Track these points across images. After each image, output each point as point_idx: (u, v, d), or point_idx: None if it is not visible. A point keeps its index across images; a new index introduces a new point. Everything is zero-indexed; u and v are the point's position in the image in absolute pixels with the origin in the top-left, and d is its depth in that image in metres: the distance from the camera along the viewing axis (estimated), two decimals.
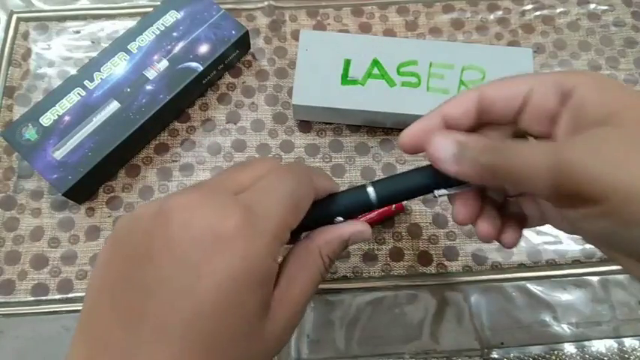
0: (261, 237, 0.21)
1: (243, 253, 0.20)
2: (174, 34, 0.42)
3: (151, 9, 0.44)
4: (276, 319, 0.22)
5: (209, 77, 0.43)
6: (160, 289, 0.20)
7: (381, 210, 0.40)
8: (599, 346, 0.38)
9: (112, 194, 0.41)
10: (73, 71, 0.43)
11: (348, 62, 0.41)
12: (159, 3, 0.43)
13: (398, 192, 0.26)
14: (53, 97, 0.40)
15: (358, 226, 0.26)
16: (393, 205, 0.40)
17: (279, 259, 0.23)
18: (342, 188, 0.27)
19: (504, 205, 0.28)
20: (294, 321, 0.23)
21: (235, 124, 0.43)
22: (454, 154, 0.23)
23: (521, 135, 0.26)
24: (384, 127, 0.43)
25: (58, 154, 0.38)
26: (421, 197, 0.41)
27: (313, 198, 0.24)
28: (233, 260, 0.20)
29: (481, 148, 0.22)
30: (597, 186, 0.18)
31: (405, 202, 0.40)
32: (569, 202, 0.20)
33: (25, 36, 0.46)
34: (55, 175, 0.38)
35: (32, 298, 0.38)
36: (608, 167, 0.18)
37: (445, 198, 0.41)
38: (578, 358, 0.37)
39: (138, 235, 0.21)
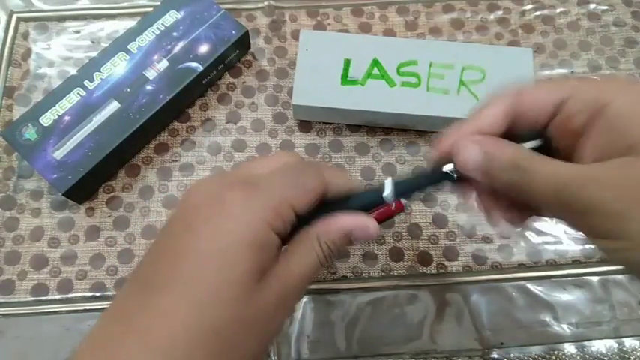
0: (262, 209, 0.23)
1: (243, 219, 0.22)
2: (174, 34, 0.42)
3: (150, 9, 0.44)
4: (271, 289, 0.23)
5: (209, 77, 0.43)
6: (167, 253, 0.23)
7: (380, 210, 0.40)
8: (599, 346, 0.38)
9: (112, 194, 0.41)
10: (73, 71, 0.43)
11: (348, 62, 0.41)
12: (159, 3, 0.43)
13: (415, 189, 0.28)
14: (53, 97, 0.40)
15: (362, 220, 0.26)
16: (393, 205, 0.40)
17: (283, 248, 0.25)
18: None
19: None
20: (288, 300, 0.24)
21: (235, 124, 0.43)
22: (481, 165, 0.24)
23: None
24: (384, 127, 0.43)
25: (58, 154, 0.38)
26: (422, 197, 0.41)
27: (323, 187, 0.25)
28: (233, 224, 0.22)
29: (505, 164, 0.23)
30: (618, 229, 0.19)
31: (405, 201, 0.40)
32: (588, 233, 0.21)
33: (25, 36, 0.46)
34: (55, 175, 0.38)
35: (32, 298, 0.38)
36: (633, 212, 0.19)
37: (446, 199, 0.41)
38: (578, 358, 0.37)
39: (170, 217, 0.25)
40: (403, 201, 0.40)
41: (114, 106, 0.40)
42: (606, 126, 0.22)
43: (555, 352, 0.37)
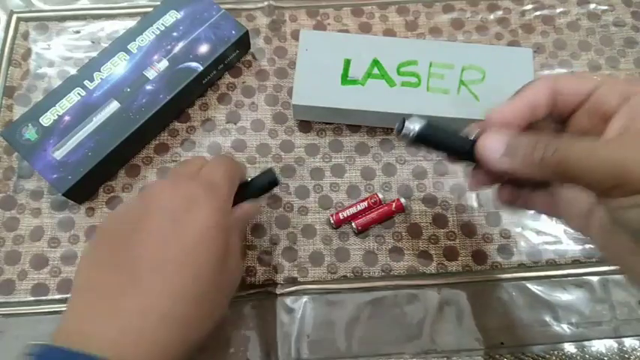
0: (220, 199, 0.30)
1: (212, 209, 0.29)
2: (174, 34, 0.42)
3: (150, 9, 0.44)
4: (231, 256, 0.30)
5: (209, 77, 0.43)
6: (151, 239, 0.27)
7: (381, 210, 0.40)
8: (599, 346, 0.38)
9: (112, 194, 0.41)
10: (73, 71, 0.43)
11: (348, 62, 0.41)
12: (159, 3, 0.43)
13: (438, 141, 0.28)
14: (53, 97, 0.40)
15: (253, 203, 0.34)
16: (393, 205, 0.40)
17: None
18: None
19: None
20: (238, 261, 0.31)
21: (235, 124, 0.43)
22: (501, 155, 0.25)
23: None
24: (384, 127, 0.43)
25: (58, 154, 0.38)
26: (421, 197, 0.41)
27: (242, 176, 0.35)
28: (206, 213, 0.28)
29: (542, 144, 0.24)
30: None
31: (405, 202, 0.40)
32: (622, 192, 0.22)
33: (25, 36, 0.46)
34: (55, 175, 0.38)
35: (32, 298, 0.38)
36: None
37: (446, 199, 0.41)
38: (578, 358, 0.37)
39: (127, 217, 0.29)
40: (402, 201, 0.40)
41: (114, 106, 0.40)
42: (630, 110, 0.23)
43: (555, 352, 0.37)
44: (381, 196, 0.41)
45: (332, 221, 0.40)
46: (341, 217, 0.40)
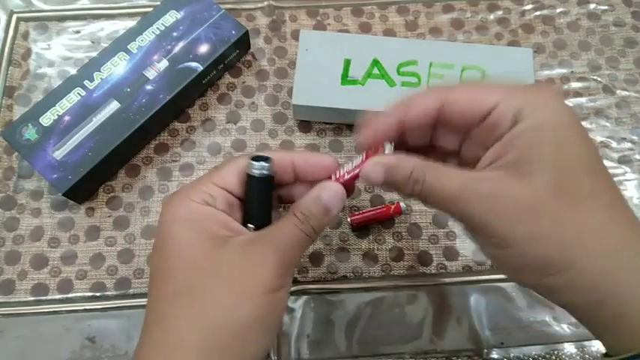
0: (187, 192, 0.27)
1: (179, 205, 0.27)
2: (174, 34, 0.42)
3: (150, 9, 0.44)
4: (234, 245, 0.26)
5: (209, 77, 0.43)
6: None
7: (378, 211, 0.40)
8: (599, 346, 0.38)
9: (112, 194, 0.41)
10: (73, 71, 0.43)
11: (348, 62, 0.41)
12: (159, 3, 0.43)
13: None
14: (53, 97, 0.40)
15: (326, 184, 0.28)
16: (392, 208, 0.40)
17: None
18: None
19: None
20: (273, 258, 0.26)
21: (235, 124, 0.43)
22: (384, 178, 0.26)
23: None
24: None
25: (58, 154, 0.38)
26: None
27: (238, 163, 0.29)
28: (173, 211, 0.27)
29: (404, 178, 0.25)
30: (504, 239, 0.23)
31: (404, 207, 0.40)
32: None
33: (25, 36, 0.46)
34: (55, 175, 0.38)
35: (32, 298, 0.38)
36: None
37: None
38: (578, 358, 0.37)
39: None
40: (402, 205, 0.40)
41: (114, 106, 0.40)
42: (511, 137, 0.24)
43: (555, 352, 0.37)
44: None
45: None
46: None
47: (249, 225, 0.27)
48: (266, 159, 0.27)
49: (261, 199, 0.28)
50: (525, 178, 0.23)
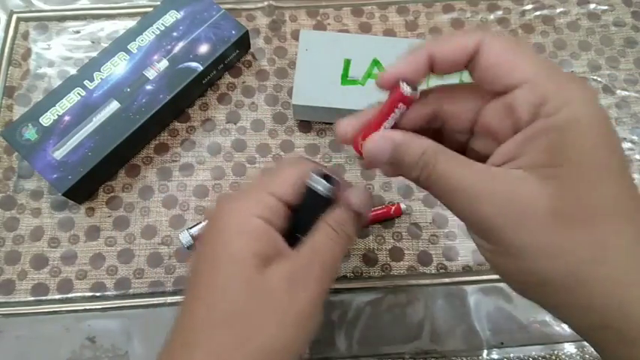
0: (244, 203, 0.27)
1: (231, 219, 0.26)
2: (174, 34, 0.42)
3: (150, 9, 0.44)
4: (277, 270, 0.25)
5: (209, 77, 0.43)
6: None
7: (378, 212, 0.40)
8: None
9: (112, 194, 0.41)
10: (73, 71, 0.43)
11: (348, 62, 0.41)
12: (159, 3, 0.43)
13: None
14: (53, 97, 0.40)
15: (352, 190, 0.27)
16: (392, 209, 0.40)
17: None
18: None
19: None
20: (304, 279, 0.25)
21: (235, 124, 0.43)
22: (386, 161, 0.24)
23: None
24: None
25: (58, 154, 0.38)
26: (421, 197, 0.41)
27: (299, 171, 0.27)
28: (222, 225, 0.26)
29: (414, 160, 0.23)
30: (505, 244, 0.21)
31: (404, 207, 0.40)
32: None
33: (25, 36, 0.46)
34: (55, 175, 0.38)
35: (32, 298, 0.38)
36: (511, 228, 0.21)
37: None
38: (578, 358, 0.37)
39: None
40: (403, 206, 0.40)
41: (114, 106, 0.40)
42: (535, 132, 0.21)
43: (555, 352, 0.37)
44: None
45: None
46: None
47: (297, 235, 0.27)
48: (332, 180, 0.26)
49: (317, 216, 0.27)
50: (549, 185, 0.20)
